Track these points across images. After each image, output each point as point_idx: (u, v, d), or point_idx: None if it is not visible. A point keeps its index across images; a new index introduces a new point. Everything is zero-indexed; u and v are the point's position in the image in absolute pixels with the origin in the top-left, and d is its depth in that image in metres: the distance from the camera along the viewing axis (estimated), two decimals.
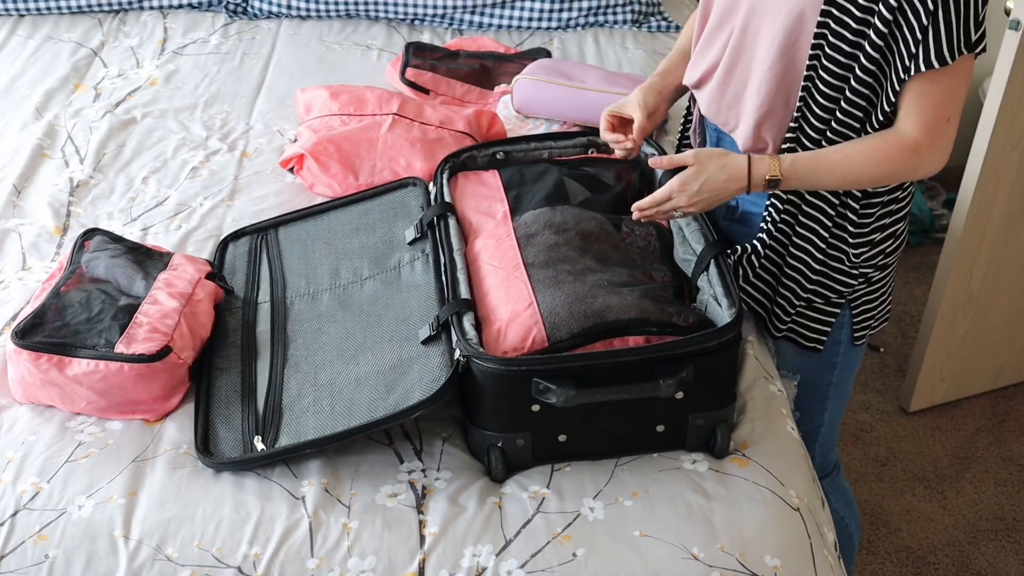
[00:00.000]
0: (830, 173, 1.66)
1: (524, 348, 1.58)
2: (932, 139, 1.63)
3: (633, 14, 2.93)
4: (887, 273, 1.85)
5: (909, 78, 1.60)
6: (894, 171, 1.66)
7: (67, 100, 2.51)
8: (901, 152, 1.64)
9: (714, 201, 1.67)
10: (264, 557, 1.48)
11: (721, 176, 1.65)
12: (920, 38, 1.57)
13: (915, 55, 1.58)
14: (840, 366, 1.91)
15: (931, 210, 3.54)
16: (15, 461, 1.59)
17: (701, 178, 1.65)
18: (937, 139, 1.64)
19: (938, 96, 1.62)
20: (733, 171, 1.65)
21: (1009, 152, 2.61)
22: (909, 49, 1.58)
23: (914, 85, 1.61)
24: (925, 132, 1.63)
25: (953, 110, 1.63)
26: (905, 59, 1.59)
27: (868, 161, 1.64)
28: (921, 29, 1.56)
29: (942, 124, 1.63)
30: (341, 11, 2.91)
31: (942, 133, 1.64)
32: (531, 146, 2.02)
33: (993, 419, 2.95)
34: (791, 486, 1.59)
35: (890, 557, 2.57)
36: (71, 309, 1.70)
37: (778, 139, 1.72)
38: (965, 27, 1.56)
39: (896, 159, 1.64)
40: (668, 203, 1.67)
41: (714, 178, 1.65)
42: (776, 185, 1.66)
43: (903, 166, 1.65)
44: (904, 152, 1.64)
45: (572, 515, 1.53)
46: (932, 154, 1.65)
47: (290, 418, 1.63)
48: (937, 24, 1.56)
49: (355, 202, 2.05)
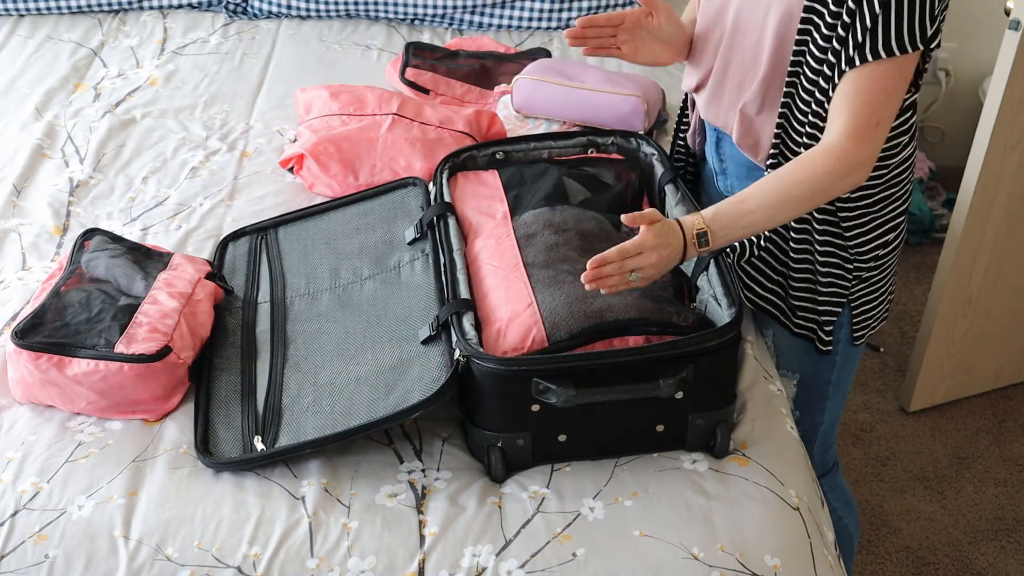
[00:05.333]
0: (757, 210, 1.59)
1: (524, 348, 1.58)
2: (857, 143, 1.57)
3: None
4: (887, 273, 1.85)
5: (850, 70, 1.56)
6: (820, 187, 1.59)
7: (67, 100, 2.51)
8: (825, 162, 1.57)
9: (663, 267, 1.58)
10: (264, 557, 1.48)
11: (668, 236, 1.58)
12: (870, 27, 1.54)
13: (861, 44, 1.55)
14: (839, 365, 1.91)
15: (931, 210, 3.54)
16: (15, 461, 1.59)
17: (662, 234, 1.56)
18: (862, 144, 1.57)
19: (873, 94, 1.57)
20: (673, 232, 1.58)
21: (1009, 152, 2.61)
22: (856, 40, 1.55)
23: (851, 79, 1.57)
24: (852, 135, 1.57)
25: (884, 114, 1.58)
26: (851, 50, 1.56)
27: (790, 184, 1.58)
28: (872, 18, 1.53)
29: (871, 128, 1.57)
30: (341, 11, 2.90)
31: (868, 138, 1.58)
32: (531, 146, 2.02)
33: (993, 419, 2.95)
34: (791, 486, 1.59)
35: (890, 557, 2.57)
36: (71, 309, 1.70)
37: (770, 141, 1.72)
38: (920, 21, 1.53)
39: (820, 171, 1.58)
40: (631, 261, 1.55)
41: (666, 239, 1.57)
42: (706, 240, 1.58)
43: (828, 177, 1.58)
44: (828, 161, 1.57)
45: (572, 515, 1.53)
46: (856, 160, 1.58)
47: (290, 418, 1.63)
48: (888, 14, 1.53)
49: (355, 202, 2.05)
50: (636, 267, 1.56)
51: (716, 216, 1.60)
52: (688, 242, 1.59)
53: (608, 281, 1.55)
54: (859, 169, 1.60)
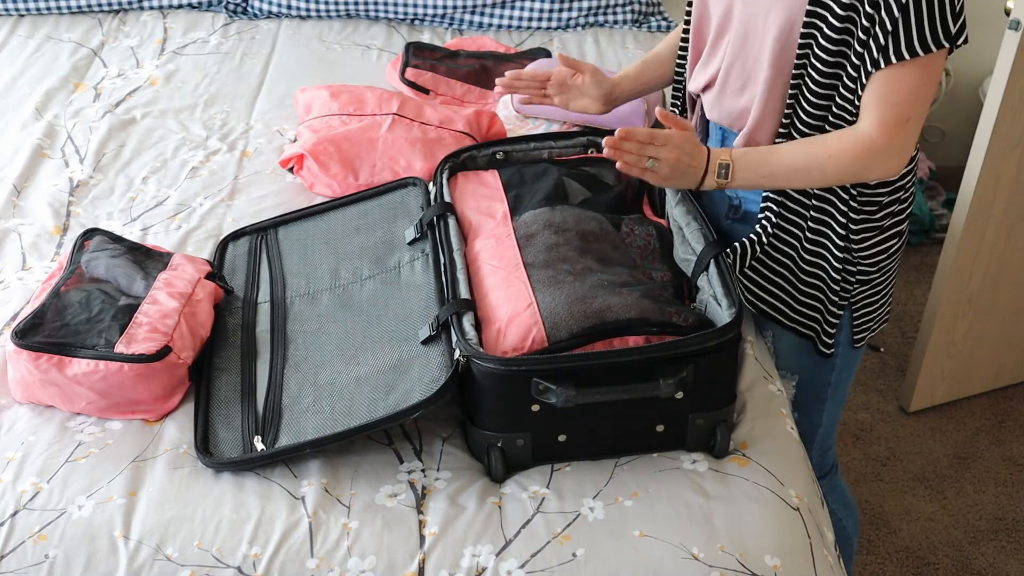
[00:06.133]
0: (781, 164, 1.65)
1: (524, 348, 1.58)
2: (888, 139, 1.60)
3: (633, 14, 2.93)
4: (888, 275, 1.85)
5: (876, 71, 1.57)
6: (844, 167, 1.63)
7: (67, 100, 2.51)
8: (854, 147, 1.61)
9: (678, 174, 1.66)
10: (264, 557, 1.48)
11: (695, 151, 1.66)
12: (891, 29, 1.54)
13: (884, 47, 1.55)
14: (839, 368, 1.91)
15: (931, 210, 3.54)
16: (15, 461, 1.59)
17: (691, 144, 1.65)
18: (894, 139, 1.60)
19: (901, 94, 1.58)
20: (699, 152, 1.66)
21: (1009, 152, 2.61)
22: (879, 42, 1.56)
23: (878, 80, 1.58)
24: (882, 131, 1.59)
25: (915, 111, 1.60)
26: (875, 52, 1.57)
27: (819, 153, 1.63)
28: (892, 21, 1.54)
29: (901, 124, 1.59)
30: (341, 11, 2.91)
31: (900, 133, 1.60)
32: (531, 146, 2.02)
33: (993, 419, 2.95)
34: (791, 486, 1.59)
35: (890, 557, 2.57)
36: (71, 309, 1.70)
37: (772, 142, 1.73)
38: (942, 20, 1.54)
39: (848, 154, 1.62)
40: (652, 147, 1.63)
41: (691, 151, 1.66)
42: (727, 172, 1.65)
43: (855, 163, 1.62)
44: (857, 148, 1.61)
45: (572, 515, 1.53)
46: (887, 154, 1.62)
47: (290, 418, 1.63)
48: (908, 16, 1.53)
49: (355, 202, 2.05)
50: (656, 156, 1.63)
51: (743, 156, 1.66)
52: (710, 168, 1.66)
53: (626, 156, 1.63)
54: (890, 159, 1.63)
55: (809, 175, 1.65)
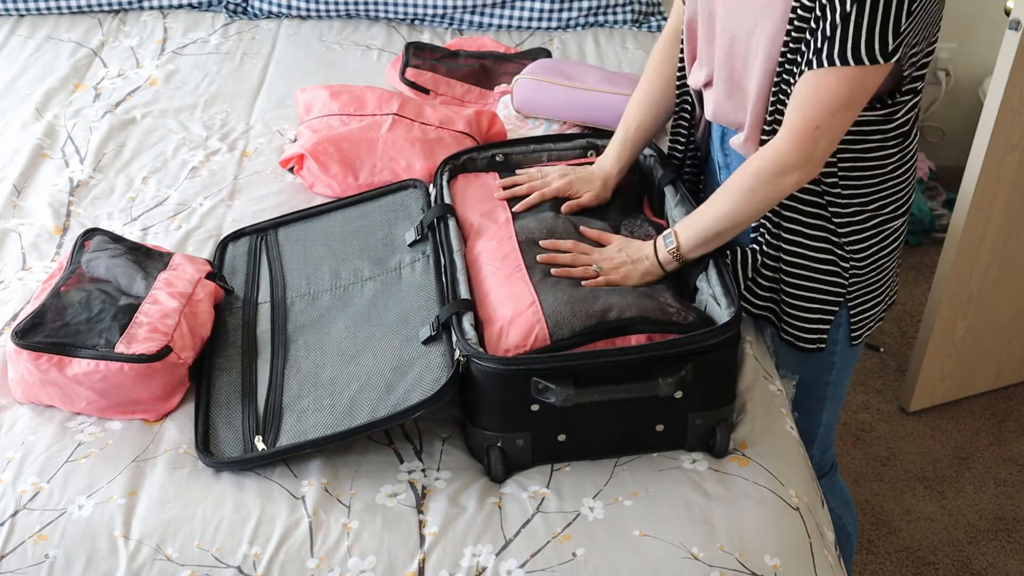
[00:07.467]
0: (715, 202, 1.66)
1: (526, 346, 1.58)
2: (792, 144, 1.58)
3: (633, 14, 2.93)
4: (886, 274, 1.85)
5: (801, 75, 1.57)
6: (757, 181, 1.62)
7: (67, 100, 2.51)
8: (758, 159, 1.62)
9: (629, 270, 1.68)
10: (264, 557, 1.48)
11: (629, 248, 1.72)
12: (828, 36, 1.53)
13: (818, 50, 1.54)
14: (838, 366, 1.91)
15: (931, 210, 3.54)
16: (15, 461, 1.59)
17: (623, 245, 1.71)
18: (799, 145, 1.58)
19: (819, 101, 1.55)
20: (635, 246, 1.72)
21: (1009, 152, 2.61)
22: (814, 46, 1.55)
23: (801, 84, 1.57)
24: (788, 135, 1.58)
25: (827, 122, 1.56)
26: (809, 55, 1.56)
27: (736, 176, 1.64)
28: (832, 28, 1.52)
29: (809, 131, 1.57)
30: (341, 11, 2.91)
31: (806, 140, 1.57)
32: (530, 148, 2.02)
33: (993, 419, 2.95)
34: (791, 485, 1.59)
35: (890, 557, 2.57)
36: (71, 309, 1.70)
37: None
38: (881, 34, 1.51)
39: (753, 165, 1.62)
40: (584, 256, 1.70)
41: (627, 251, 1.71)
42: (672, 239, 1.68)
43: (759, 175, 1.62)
44: (759, 158, 1.62)
45: (572, 515, 1.53)
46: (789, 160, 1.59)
47: (290, 418, 1.63)
48: (847, 25, 1.51)
49: (355, 204, 2.05)
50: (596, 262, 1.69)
51: (683, 220, 1.70)
52: (657, 244, 1.69)
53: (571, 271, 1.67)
54: (792, 171, 1.60)
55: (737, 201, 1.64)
